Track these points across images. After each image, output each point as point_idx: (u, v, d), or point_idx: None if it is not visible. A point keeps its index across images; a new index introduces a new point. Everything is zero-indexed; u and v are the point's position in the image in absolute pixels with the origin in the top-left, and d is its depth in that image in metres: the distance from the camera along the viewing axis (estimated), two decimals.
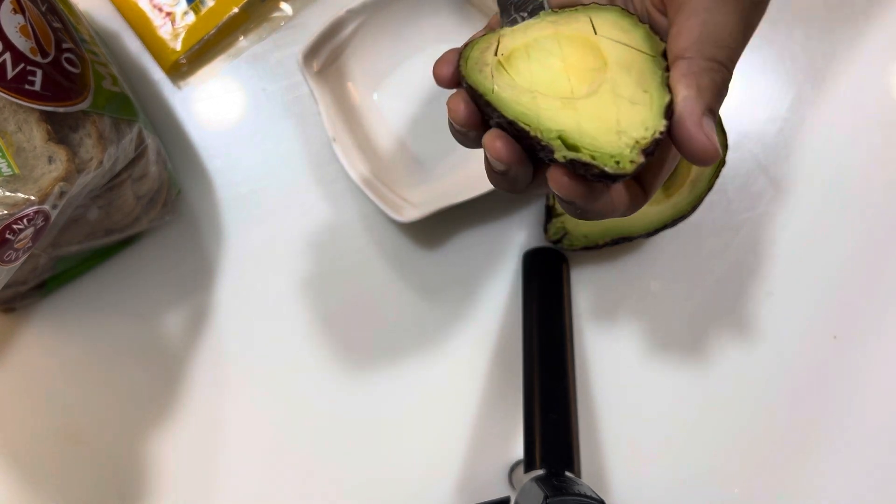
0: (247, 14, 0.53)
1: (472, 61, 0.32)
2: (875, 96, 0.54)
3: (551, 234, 0.49)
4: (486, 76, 0.31)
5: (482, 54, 0.32)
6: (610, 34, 0.32)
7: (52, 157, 0.38)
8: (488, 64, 0.32)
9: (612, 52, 0.31)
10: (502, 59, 0.32)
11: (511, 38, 0.33)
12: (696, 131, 0.28)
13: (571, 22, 0.33)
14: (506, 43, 0.33)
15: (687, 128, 0.28)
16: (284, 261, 0.52)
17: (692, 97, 0.28)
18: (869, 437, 0.51)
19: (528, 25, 0.33)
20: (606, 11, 0.32)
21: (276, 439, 0.51)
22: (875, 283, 0.52)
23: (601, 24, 0.32)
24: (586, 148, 0.29)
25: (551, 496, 0.39)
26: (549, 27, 0.33)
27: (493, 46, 0.33)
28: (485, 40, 0.33)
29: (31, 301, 0.51)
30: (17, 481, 0.51)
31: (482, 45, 0.33)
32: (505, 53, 0.32)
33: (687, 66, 0.29)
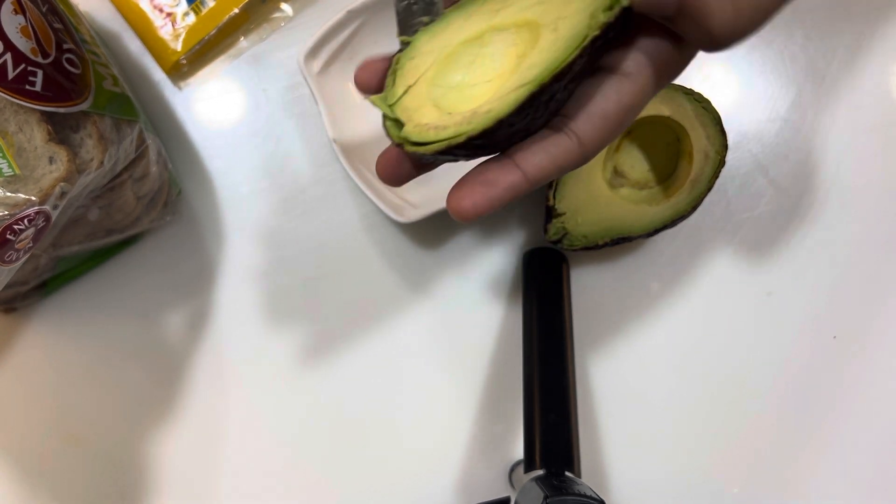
0: (247, 15, 0.53)
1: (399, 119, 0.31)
2: (875, 97, 0.54)
3: (551, 234, 0.49)
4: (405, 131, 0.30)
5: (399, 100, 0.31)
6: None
7: (53, 157, 0.38)
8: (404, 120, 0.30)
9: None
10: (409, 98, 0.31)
11: (482, 16, 0.31)
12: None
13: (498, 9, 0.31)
14: (473, 24, 0.31)
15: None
16: (285, 261, 0.52)
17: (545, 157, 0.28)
18: (869, 437, 0.51)
19: (458, 18, 0.31)
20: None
21: (275, 439, 0.51)
22: (875, 284, 0.52)
23: None
24: None
25: (551, 496, 0.39)
26: (485, 17, 0.31)
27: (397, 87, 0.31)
28: (454, 14, 0.31)
29: (31, 301, 0.51)
30: (18, 481, 0.51)
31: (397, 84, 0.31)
32: (412, 85, 0.31)
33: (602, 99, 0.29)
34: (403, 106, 0.30)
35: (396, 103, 0.30)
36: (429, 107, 0.30)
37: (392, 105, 0.31)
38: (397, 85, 0.31)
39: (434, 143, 0.29)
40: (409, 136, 0.29)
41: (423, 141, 0.29)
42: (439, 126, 0.29)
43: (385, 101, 0.31)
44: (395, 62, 0.32)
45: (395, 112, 0.30)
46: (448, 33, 0.31)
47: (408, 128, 0.30)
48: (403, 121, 0.30)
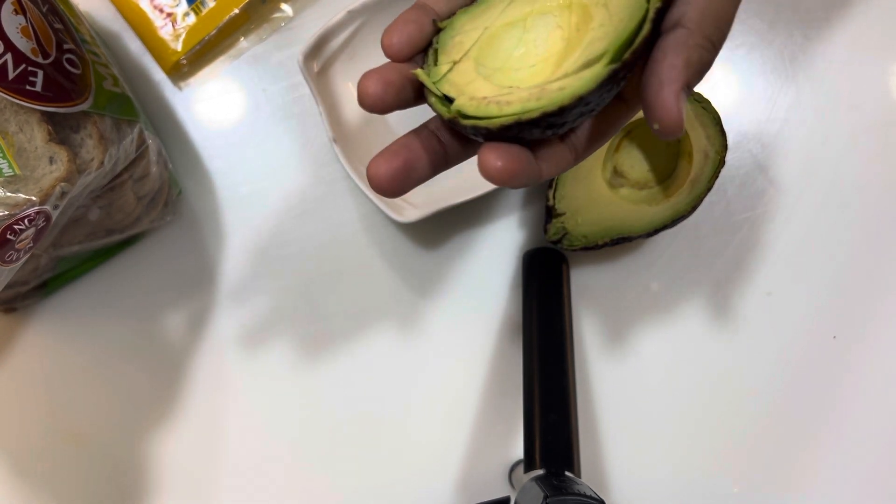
0: (247, 15, 0.53)
1: (437, 82, 0.30)
2: (874, 97, 0.54)
3: (551, 234, 0.49)
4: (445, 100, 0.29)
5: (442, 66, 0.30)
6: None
7: (53, 157, 0.38)
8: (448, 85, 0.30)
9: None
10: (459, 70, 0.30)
11: (471, 27, 0.31)
12: (672, 101, 0.27)
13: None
14: (513, 9, 0.30)
15: (664, 95, 0.27)
16: (285, 261, 0.52)
17: (679, 67, 0.28)
18: (868, 437, 0.51)
19: (498, 2, 0.31)
20: None
21: (275, 439, 0.51)
22: (875, 283, 0.52)
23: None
24: None
25: (551, 496, 0.39)
26: (525, 2, 0.30)
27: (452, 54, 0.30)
28: (448, 41, 0.31)
29: (32, 301, 0.51)
30: (18, 481, 0.51)
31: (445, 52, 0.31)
32: (461, 58, 0.30)
33: (685, 36, 0.28)
34: (451, 82, 0.29)
35: (442, 79, 0.30)
36: (481, 81, 0.29)
37: (437, 82, 0.30)
38: (441, 62, 0.30)
39: (499, 118, 0.27)
40: (463, 109, 0.28)
41: (485, 115, 0.28)
42: (502, 101, 0.28)
43: (430, 77, 0.30)
44: (434, 41, 0.31)
45: (441, 88, 0.29)
46: (489, 15, 0.31)
47: (461, 101, 0.28)
48: (453, 95, 0.29)
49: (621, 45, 0.27)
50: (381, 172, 0.30)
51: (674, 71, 0.27)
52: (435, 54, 0.30)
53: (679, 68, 0.27)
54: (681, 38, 0.28)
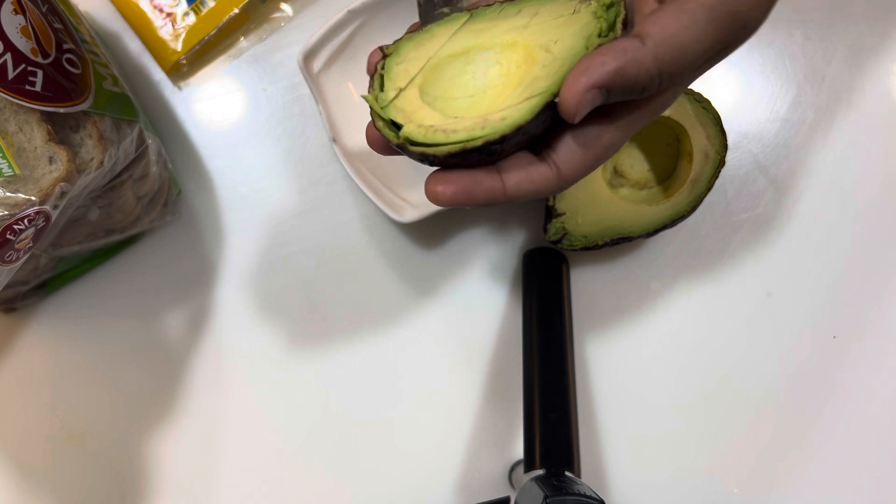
0: (247, 15, 0.53)
1: (382, 103, 0.31)
2: (875, 97, 0.54)
3: (551, 234, 0.49)
4: (392, 123, 0.31)
5: (389, 88, 0.32)
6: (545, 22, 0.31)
7: (53, 157, 0.38)
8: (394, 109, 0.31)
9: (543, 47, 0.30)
10: (406, 91, 0.31)
11: (467, 34, 0.32)
12: (579, 90, 0.27)
13: (497, 24, 0.32)
14: (458, 41, 0.32)
15: (577, 82, 0.27)
16: (285, 261, 0.52)
17: (609, 70, 0.27)
18: (868, 437, 0.51)
19: (442, 33, 0.32)
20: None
21: (275, 439, 0.51)
22: (874, 283, 0.52)
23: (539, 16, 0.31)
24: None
25: (551, 496, 0.39)
26: (515, 30, 0.32)
27: (398, 77, 0.32)
28: (437, 28, 0.32)
29: (31, 301, 0.51)
30: (18, 481, 0.51)
31: (392, 74, 0.32)
32: (409, 82, 0.31)
33: (633, 46, 0.27)
34: (398, 108, 0.31)
35: (389, 105, 0.31)
36: (427, 110, 0.31)
37: (384, 107, 0.31)
38: (387, 88, 0.32)
39: (446, 145, 0.29)
40: (411, 136, 0.30)
41: (432, 142, 0.29)
42: (448, 129, 0.29)
43: (378, 102, 0.31)
44: (380, 66, 0.32)
45: (388, 113, 0.31)
46: (433, 44, 0.32)
47: (409, 128, 0.30)
48: (400, 122, 0.30)
49: (560, 81, 0.29)
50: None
51: (601, 67, 0.27)
52: (381, 79, 0.32)
53: (608, 71, 0.27)
54: (629, 46, 0.27)
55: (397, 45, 0.33)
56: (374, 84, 0.32)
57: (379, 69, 0.32)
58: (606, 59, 0.27)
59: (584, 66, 0.27)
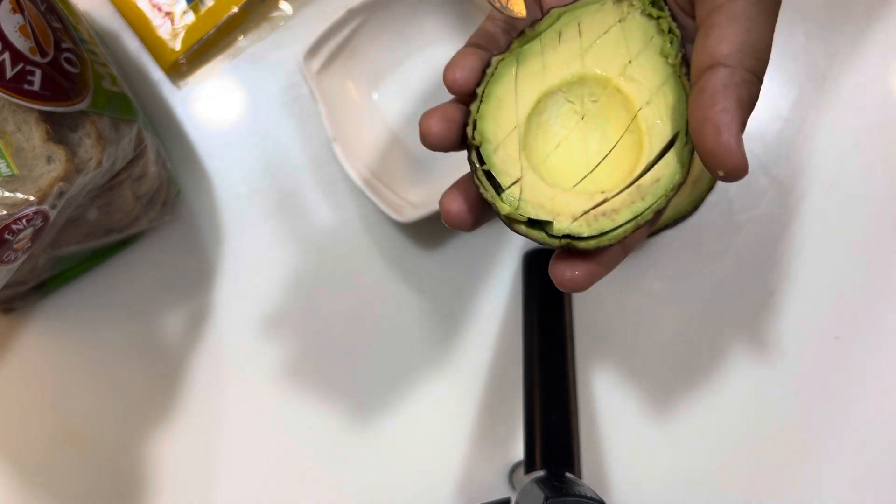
0: (246, 13, 0.53)
1: (488, 154, 0.28)
2: (877, 96, 0.53)
3: None
4: (510, 195, 0.28)
5: (498, 131, 0.28)
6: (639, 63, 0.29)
7: (51, 157, 0.38)
8: (511, 174, 0.28)
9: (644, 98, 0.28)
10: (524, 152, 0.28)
11: (528, 79, 0.29)
12: (735, 146, 0.26)
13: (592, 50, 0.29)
14: (523, 96, 0.29)
15: (725, 142, 0.26)
16: (284, 261, 0.52)
17: (732, 110, 0.27)
18: (871, 439, 0.51)
19: (505, 89, 0.29)
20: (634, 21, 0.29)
21: (275, 440, 0.51)
22: (878, 284, 0.52)
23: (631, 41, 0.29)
24: None
25: (552, 497, 0.39)
26: (573, 60, 0.29)
27: (511, 110, 0.29)
28: (496, 90, 0.29)
29: (30, 301, 0.51)
30: (16, 482, 0.51)
31: (494, 104, 0.29)
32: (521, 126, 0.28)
33: (729, 76, 0.27)
34: (528, 202, 0.28)
35: (520, 203, 0.28)
36: (564, 195, 0.28)
37: (516, 208, 0.28)
38: (503, 182, 0.28)
39: (618, 229, 0.27)
40: (576, 232, 0.27)
41: (601, 231, 0.27)
42: (607, 210, 0.27)
43: (510, 207, 0.28)
44: (475, 160, 0.29)
45: (526, 212, 0.28)
46: (506, 106, 0.29)
47: (563, 223, 0.27)
48: (544, 217, 0.28)
49: (675, 115, 0.27)
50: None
51: (727, 115, 0.26)
52: (489, 177, 0.28)
53: (733, 111, 0.27)
54: (725, 79, 0.27)
55: (480, 128, 0.29)
56: (483, 185, 0.28)
57: (476, 164, 0.29)
58: (724, 105, 0.27)
59: (713, 127, 0.26)
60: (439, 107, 0.30)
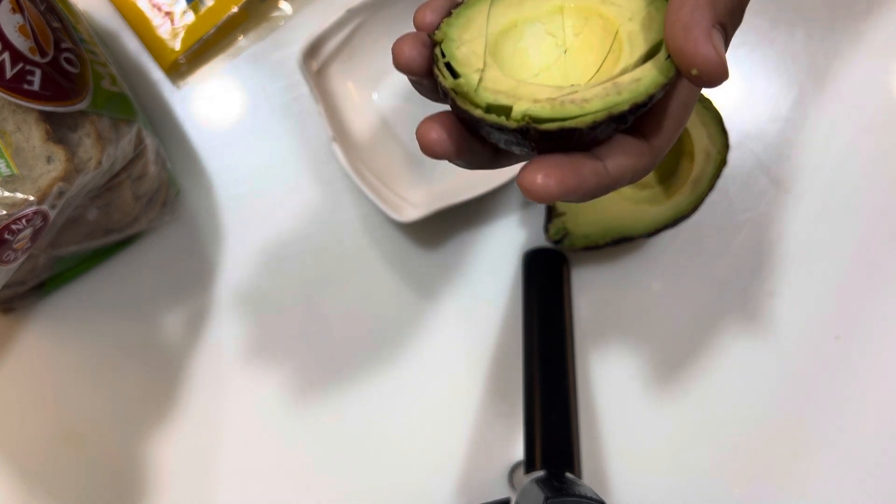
0: (246, 13, 0.53)
1: (452, 52, 0.28)
2: (877, 96, 0.53)
3: (552, 234, 0.49)
4: (468, 79, 0.27)
5: (462, 39, 0.28)
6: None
7: (51, 156, 0.38)
8: (472, 63, 0.28)
9: (626, 14, 0.28)
10: (489, 47, 0.28)
11: (503, 8, 0.29)
12: (703, 41, 0.25)
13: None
14: (496, 18, 0.29)
15: (694, 37, 0.25)
16: (284, 261, 0.52)
17: (704, 6, 0.25)
18: (871, 439, 0.51)
19: (479, 12, 0.29)
20: None
21: (274, 439, 0.51)
22: (878, 284, 0.52)
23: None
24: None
25: (552, 497, 0.39)
26: (507, 11, 0.29)
27: (478, 28, 0.28)
28: (468, 11, 0.29)
29: (30, 301, 0.51)
30: (16, 482, 0.50)
31: (463, 22, 0.29)
32: (493, 35, 0.28)
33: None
34: (488, 90, 0.27)
35: (479, 88, 0.27)
36: (529, 86, 0.27)
37: (476, 90, 0.27)
38: (464, 73, 0.28)
39: (585, 115, 0.26)
40: (534, 113, 0.26)
41: (567, 115, 0.26)
42: (576, 99, 0.26)
43: (464, 89, 0.27)
44: (438, 54, 0.28)
45: (483, 98, 0.27)
46: (477, 23, 0.29)
47: (523, 105, 0.26)
48: (504, 103, 0.27)
49: (657, 31, 0.27)
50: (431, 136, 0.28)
51: (698, 12, 0.25)
52: (449, 68, 0.28)
53: (704, 8, 0.25)
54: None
55: (444, 30, 0.29)
56: (443, 73, 0.28)
57: (440, 57, 0.28)
58: (697, 3, 0.25)
59: (682, 24, 0.25)
60: (411, 32, 0.29)
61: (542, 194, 0.26)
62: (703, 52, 0.25)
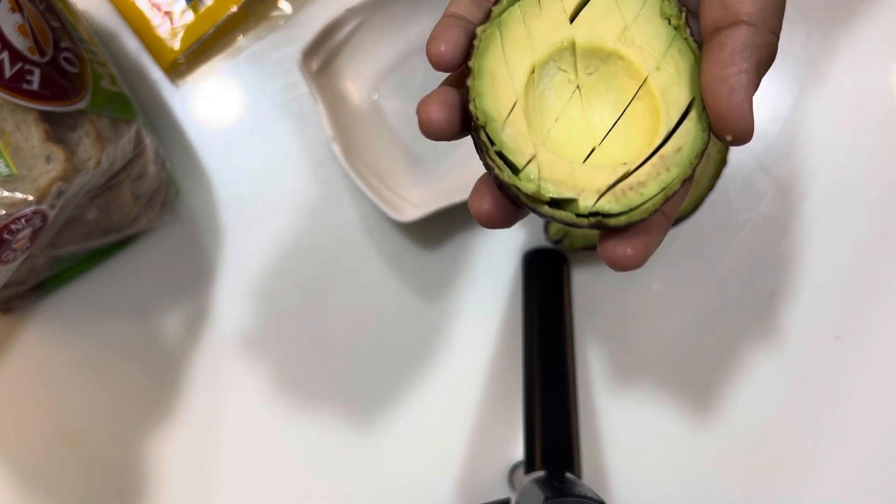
0: (245, 13, 0.53)
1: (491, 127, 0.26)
2: (877, 96, 0.53)
3: (552, 234, 0.49)
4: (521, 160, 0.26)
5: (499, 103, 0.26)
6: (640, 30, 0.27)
7: (50, 156, 0.38)
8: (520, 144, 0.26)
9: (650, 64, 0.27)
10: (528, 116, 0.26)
11: (515, 49, 0.27)
12: (747, 110, 0.25)
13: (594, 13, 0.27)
14: (514, 64, 0.27)
15: (739, 104, 0.25)
16: (284, 261, 0.52)
17: (751, 70, 0.25)
18: (872, 439, 0.51)
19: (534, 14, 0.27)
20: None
21: (274, 440, 0.51)
22: (878, 284, 0.52)
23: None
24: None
25: (552, 497, 0.39)
26: (559, 26, 0.27)
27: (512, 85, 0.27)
28: (485, 61, 0.27)
29: (29, 301, 0.51)
30: (15, 482, 0.50)
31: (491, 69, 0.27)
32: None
33: (752, 35, 0.25)
34: (548, 180, 0.26)
35: (538, 182, 0.26)
36: (583, 169, 0.26)
37: (536, 188, 0.26)
38: (516, 161, 0.26)
39: (644, 204, 0.26)
40: (603, 209, 0.26)
41: (630, 207, 0.26)
42: (633, 184, 0.26)
43: (522, 181, 0.26)
44: (484, 141, 0.27)
45: (546, 192, 0.26)
46: (500, 76, 0.27)
47: (589, 198, 0.26)
48: (568, 195, 0.26)
49: (692, 82, 0.26)
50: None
51: (746, 76, 0.25)
52: (501, 157, 0.26)
53: (751, 73, 0.25)
54: (747, 38, 0.26)
55: (477, 97, 0.26)
56: (498, 165, 0.26)
57: (487, 145, 0.26)
58: (741, 66, 0.25)
59: (727, 87, 0.25)
60: (435, 92, 0.27)
61: (632, 265, 0.26)
62: (744, 121, 0.25)
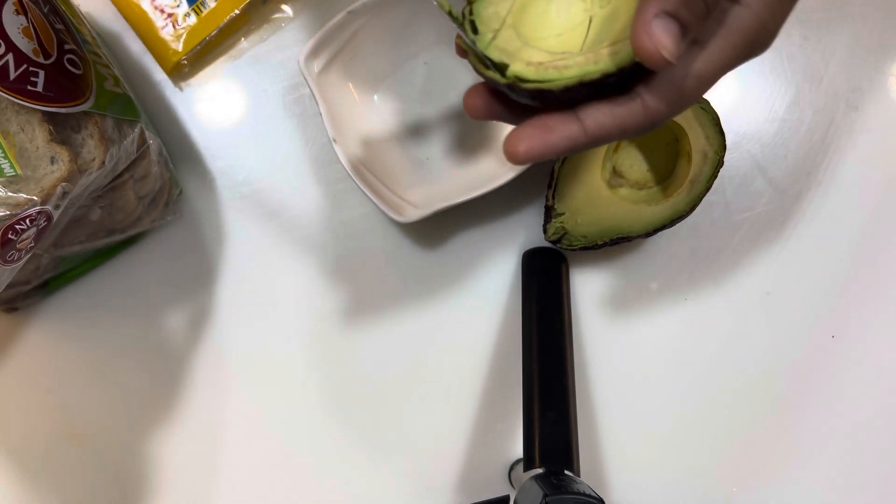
0: (248, 15, 0.53)
1: (482, 31, 0.32)
2: (873, 97, 0.54)
3: (551, 234, 0.49)
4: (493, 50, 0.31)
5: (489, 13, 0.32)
6: None
7: (55, 157, 0.38)
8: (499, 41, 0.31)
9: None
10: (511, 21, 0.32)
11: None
12: (643, 33, 0.27)
13: None
14: (499, 4, 0.33)
15: (636, 29, 0.27)
16: (285, 261, 0.52)
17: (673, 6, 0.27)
18: (867, 437, 0.52)
19: None
20: None
21: (276, 439, 0.51)
22: (873, 283, 0.52)
23: None
24: None
25: (551, 495, 0.39)
26: None
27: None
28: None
29: (33, 301, 0.52)
30: (18, 481, 0.51)
31: None
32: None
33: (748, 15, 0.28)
34: (497, 48, 0.31)
35: (489, 47, 0.31)
36: (530, 49, 0.31)
37: (485, 49, 0.31)
38: (482, 31, 0.32)
39: (558, 80, 0.29)
40: (521, 74, 0.30)
41: (544, 79, 0.29)
42: (559, 65, 0.30)
43: (479, 43, 0.32)
44: (467, 12, 0.33)
45: (490, 53, 0.31)
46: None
47: (517, 67, 0.30)
48: (504, 62, 0.31)
49: None
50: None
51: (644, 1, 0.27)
52: (472, 25, 0.32)
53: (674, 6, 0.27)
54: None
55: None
56: (466, 29, 0.32)
57: (467, 15, 0.33)
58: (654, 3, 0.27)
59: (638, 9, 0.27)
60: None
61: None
62: (643, 46, 0.27)
